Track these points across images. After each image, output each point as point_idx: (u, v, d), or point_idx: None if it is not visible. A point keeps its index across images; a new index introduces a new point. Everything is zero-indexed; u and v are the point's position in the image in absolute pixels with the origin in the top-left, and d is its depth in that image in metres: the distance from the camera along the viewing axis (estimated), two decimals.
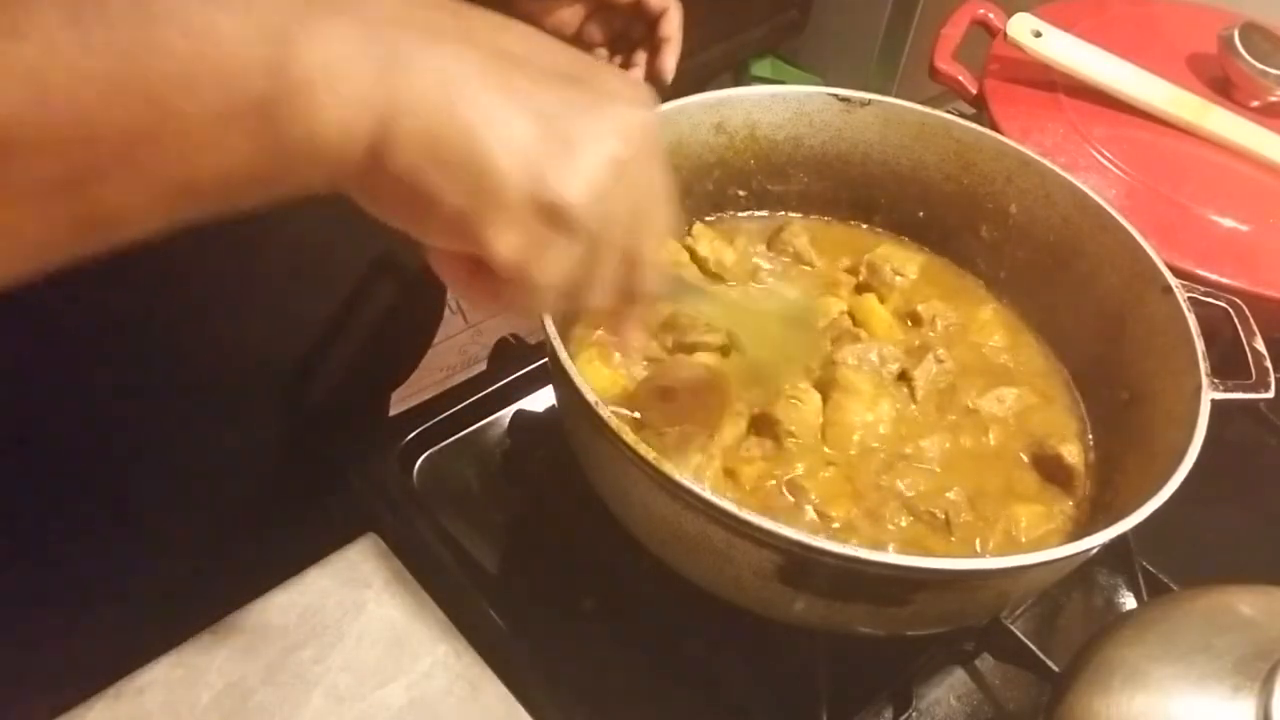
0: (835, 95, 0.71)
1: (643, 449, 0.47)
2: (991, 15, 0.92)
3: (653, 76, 0.71)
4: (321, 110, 0.29)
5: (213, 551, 0.65)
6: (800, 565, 0.48)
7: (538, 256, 0.34)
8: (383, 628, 0.58)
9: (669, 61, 0.71)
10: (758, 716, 0.57)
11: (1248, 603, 0.50)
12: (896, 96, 0.71)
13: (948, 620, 0.55)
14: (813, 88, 0.71)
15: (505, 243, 0.33)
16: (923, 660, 0.60)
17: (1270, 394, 0.57)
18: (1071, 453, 0.61)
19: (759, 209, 0.76)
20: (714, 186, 0.73)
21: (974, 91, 0.90)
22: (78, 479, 0.58)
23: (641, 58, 0.71)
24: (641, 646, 0.59)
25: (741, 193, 0.75)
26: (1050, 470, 0.62)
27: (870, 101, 0.71)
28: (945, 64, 0.90)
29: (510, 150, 0.31)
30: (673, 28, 0.71)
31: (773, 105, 0.71)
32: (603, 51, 0.73)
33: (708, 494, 0.45)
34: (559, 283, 0.35)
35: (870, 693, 0.58)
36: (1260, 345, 0.60)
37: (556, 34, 0.68)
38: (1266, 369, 0.58)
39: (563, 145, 0.33)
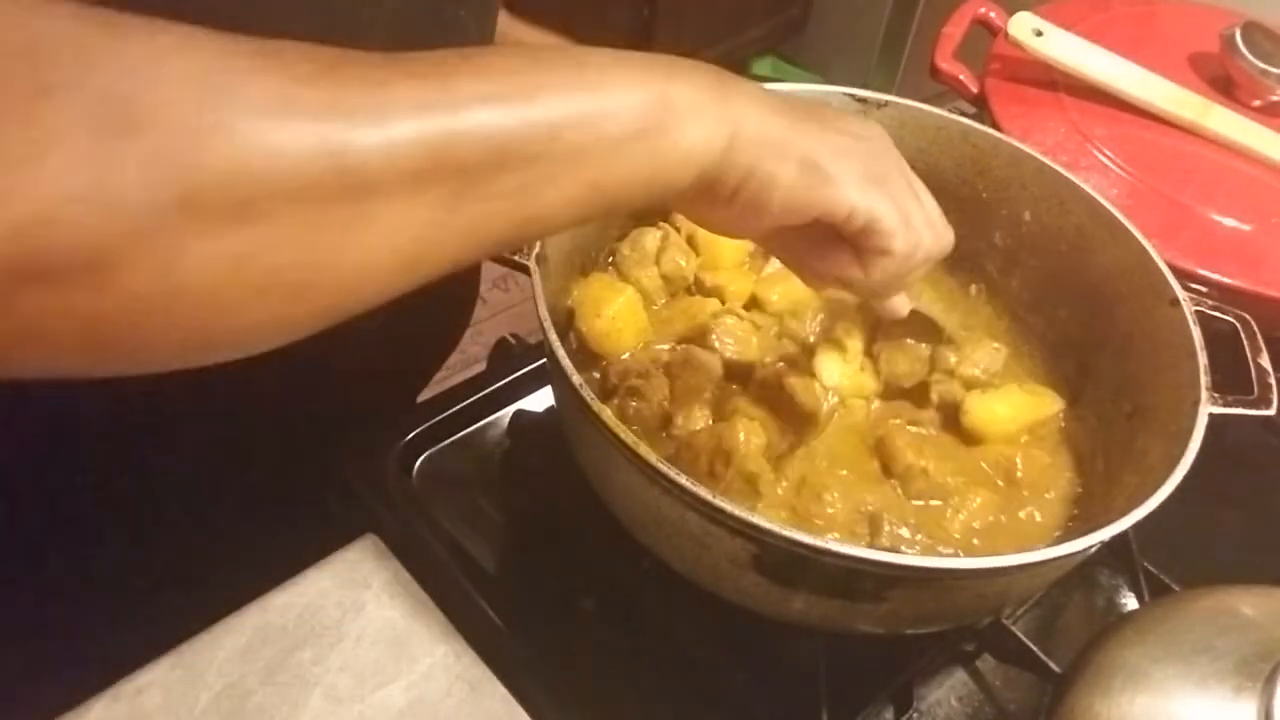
0: (853, 96, 0.70)
1: (622, 432, 0.47)
2: (992, 14, 0.92)
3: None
4: (691, 129, 0.40)
5: (212, 551, 0.65)
6: (774, 556, 0.47)
7: (872, 195, 0.45)
8: (382, 628, 0.58)
9: None
10: (758, 717, 0.57)
11: (1249, 604, 0.50)
12: (897, 95, 0.71)
13: (939, 619, 0.55)
14: (830, 87, 0.70)
15: (844, 193, 0.44)
16: (923, 661, 0.60)
17: (1272, 411, 0.56)
18: None
19: None
20: None
21: (975, 91, 0.90)
22: (74, 479, 0.58)
23: None
24: (641, 646, 0.59)
25: None
26: None
27: (887, 103, 0.70)
28: (946, 63, 0.90)
29: (811, 142, 0.44)
30: None
31: None
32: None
33: (682, 479, 0.45)
34: (897, 212, 0.46)
35: (871, 693, 0.58)
36: (1265, 362, 0.59)
37: None
38: (1269, 385, 0.57)
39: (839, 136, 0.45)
